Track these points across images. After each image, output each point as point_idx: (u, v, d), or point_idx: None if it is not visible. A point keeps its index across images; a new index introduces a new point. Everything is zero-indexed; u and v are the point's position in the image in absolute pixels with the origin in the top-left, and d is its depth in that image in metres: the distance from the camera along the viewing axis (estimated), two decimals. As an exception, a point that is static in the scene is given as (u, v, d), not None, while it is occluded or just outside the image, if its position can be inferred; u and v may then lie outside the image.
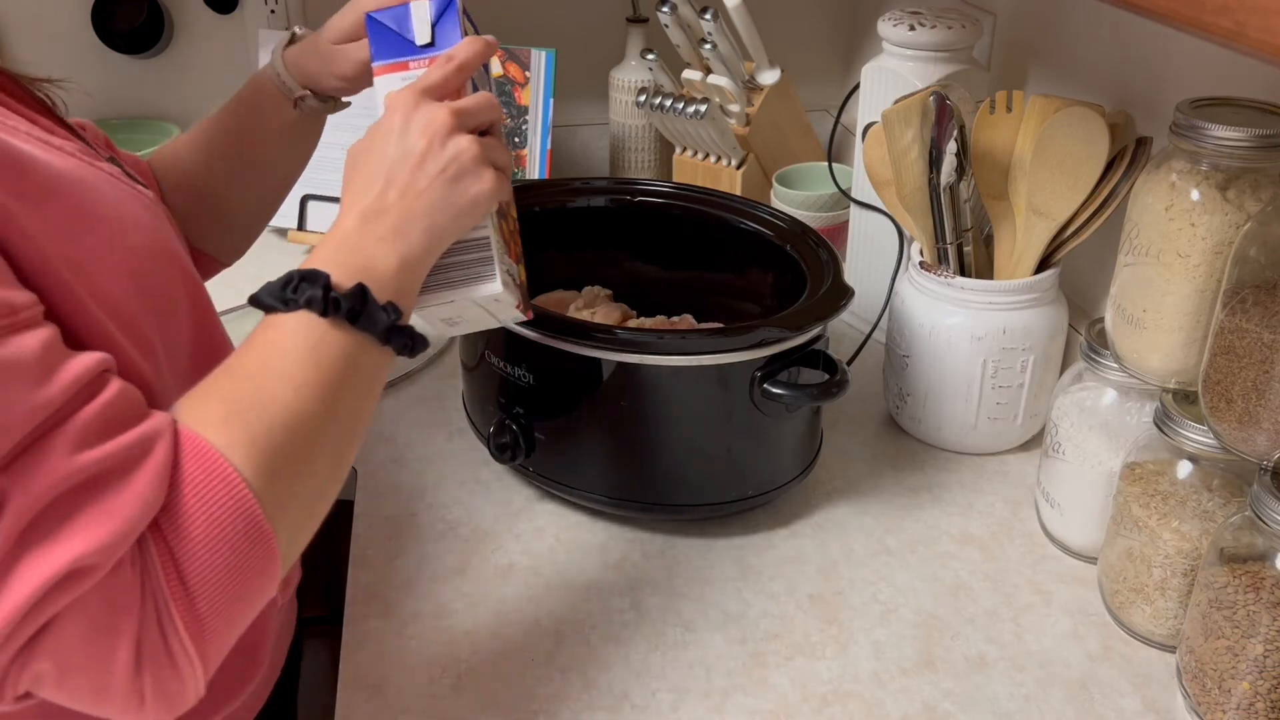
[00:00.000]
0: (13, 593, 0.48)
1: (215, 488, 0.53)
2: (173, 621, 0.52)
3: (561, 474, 0.93)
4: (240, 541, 0.54)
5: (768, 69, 1.35)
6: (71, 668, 0.50)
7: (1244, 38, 0.49)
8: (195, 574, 0.52)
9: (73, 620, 0.49)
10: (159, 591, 0.52)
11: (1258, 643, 0.69)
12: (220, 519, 0.53)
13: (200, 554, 0.53)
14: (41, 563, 0.48)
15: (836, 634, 0.83)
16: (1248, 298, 0.71)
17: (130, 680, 0.51)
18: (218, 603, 0.53)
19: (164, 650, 0.52)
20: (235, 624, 0.55)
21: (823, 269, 0.95)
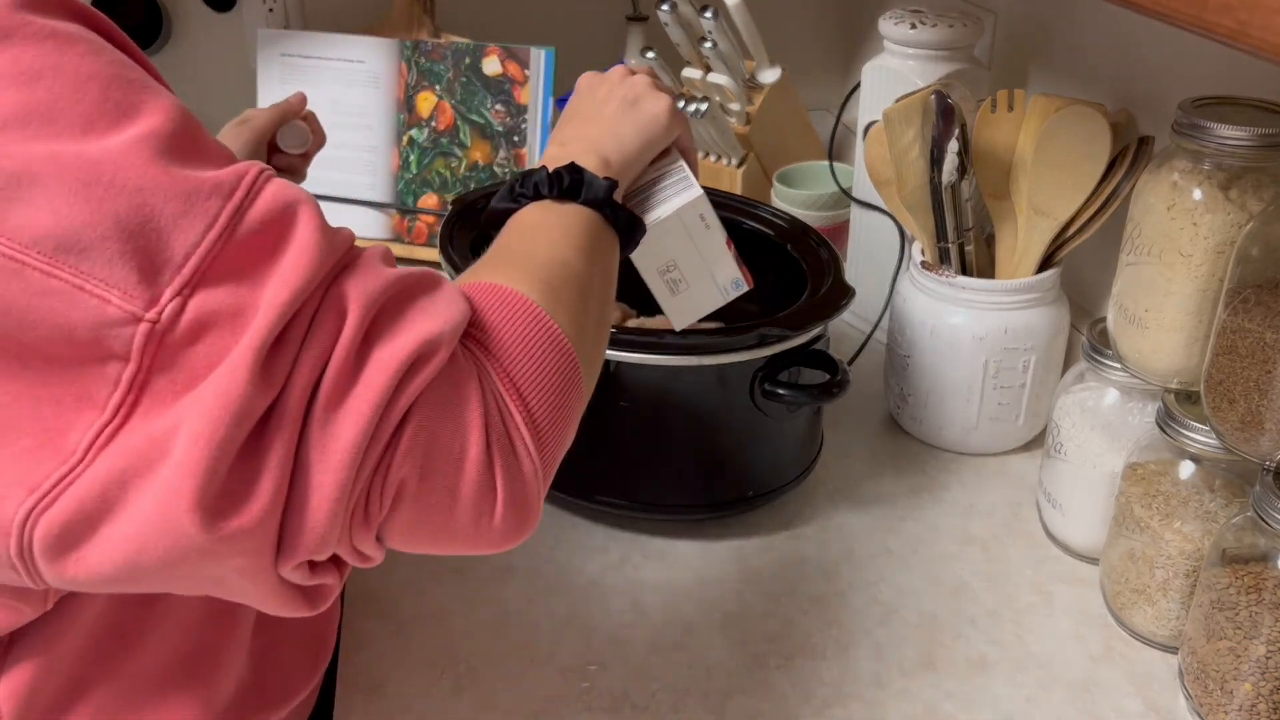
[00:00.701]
0: (372, 380, 0.48)
1: (510, 304, 0.56)
2: (511, 415, 0.53)
3: (561, 474, 0.92)
4: (546, 347, 0.55)
5: (768, 68, 1.34)
6: (429, 467, 0.50)
7: (1246, 37, 0.49)
8: (519, 373, 0.54)
9: (425, 410, 0.50)
10: (492, 385, 0.53)
11: (1260, 644, 0.69)
12: (523, 330, 0.55)
13: (516, 356, 0.54)
14: (390, 350, 0.49)
15: (837, 635, 0.83)
16: (1250, 297, 0.71)
17: (483, 478, 0.51)
18: (544, 403, 0.54)
19: (508, 444, 0.53)
20: (563, 433, 0.56)
21: (823, 268, 0.95)
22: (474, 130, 1.33)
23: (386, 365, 0.48)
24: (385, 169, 1.35)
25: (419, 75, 1.33)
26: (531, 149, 1.32)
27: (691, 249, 0.77)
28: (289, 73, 1.35)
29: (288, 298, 0.47)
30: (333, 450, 0.47)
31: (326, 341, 0.48)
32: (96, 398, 0.45)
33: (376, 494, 0.49)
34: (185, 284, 0.46)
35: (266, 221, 0.48)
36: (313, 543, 0.48)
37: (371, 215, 1.36)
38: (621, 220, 0.68)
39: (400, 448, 0.49)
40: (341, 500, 0.47)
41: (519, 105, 1.32)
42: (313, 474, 0.47)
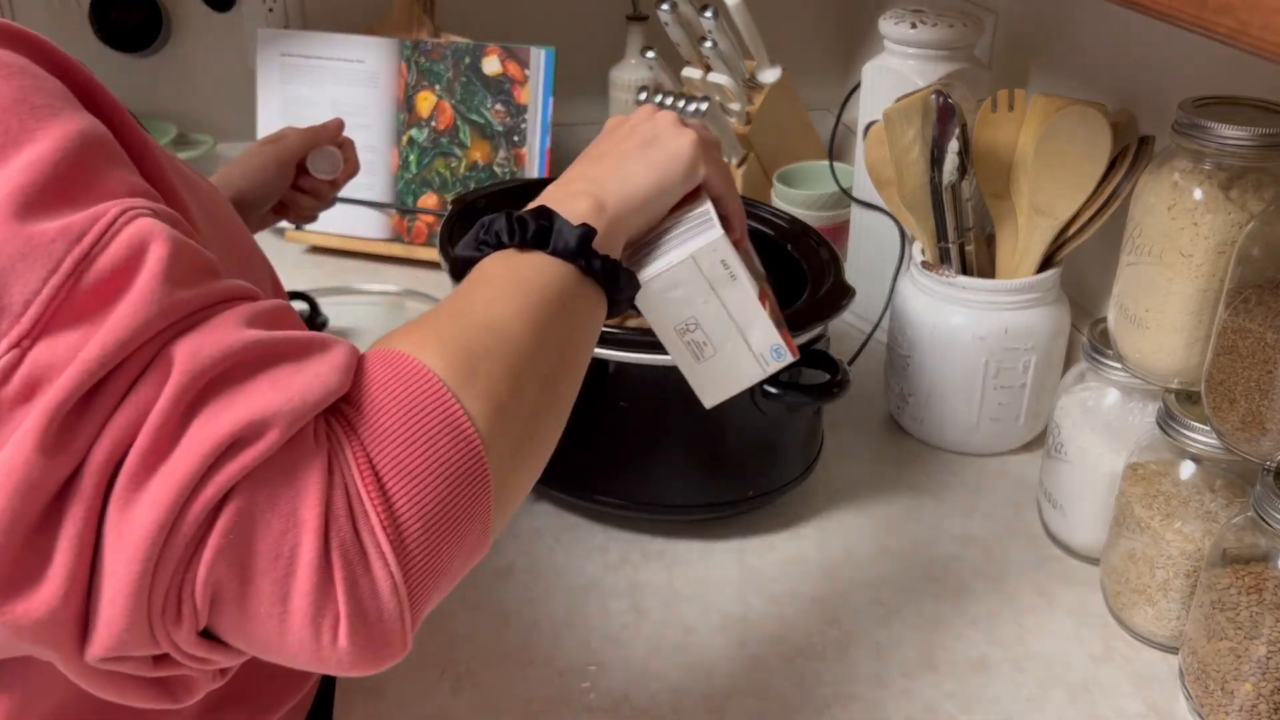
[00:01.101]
0: (185, 456, 0.42)
1: (402, 376, 0.48)
2: (365, 515, 0.45)
3: (560, 475, 0.93)
4: (435, 432, 0.47)
5: (768, 67, 1.34)
6: (251, 568, 0.43)
7: (1246, 36, 0.49)
8: (387, 462, 0.46)
9: (248, 500, 0.43)
10: (347, 475, 0.45)
11: (1260, 644, 0.69)
12: (407, 408, 0.47)
13: (389, 439, 0.46)
14: (211, 424, 0.43)
15: (838, 636, 0.83)
16: (1250, 297, 0.71)
17: (318, 588, 0.44)
18: (417, 504, 0.46)
19: (357, 548, 0.45)
20: (442, 546, 0.47)
21: (823, 268, 0.95)
22: (474, 130, 1.33)
23: (200, 444, 0.42)
24: (385, 169, 1.35)
25: (419, 75, 1.33)
26: (531, 149, 1.32)
27: (715, 303, 0.65)
28: (289, 72, 1.35)
29: (97, 354, 0.42)
30: (129, 538, 0.42)
31: (139, 409, 0.42)
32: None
33: (188, 593, 0.43)
34: (24, 334, 0.42)
35: (116, 267, 0.43)
36: (110, 639, 0.43)
37: (371, 215, 1.36)
38: (598, 271, 0.58)
39: (211, 543, 0.43)
40: (138, 596, 0.42)
41: (519, 105, 1.32)
42: (108, 563, 0.42)
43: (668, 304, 0.65)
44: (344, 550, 0.44)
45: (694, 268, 0.64)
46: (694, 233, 0.65)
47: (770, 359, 0.67)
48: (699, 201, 0.67)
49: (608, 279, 0.59)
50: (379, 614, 0.45)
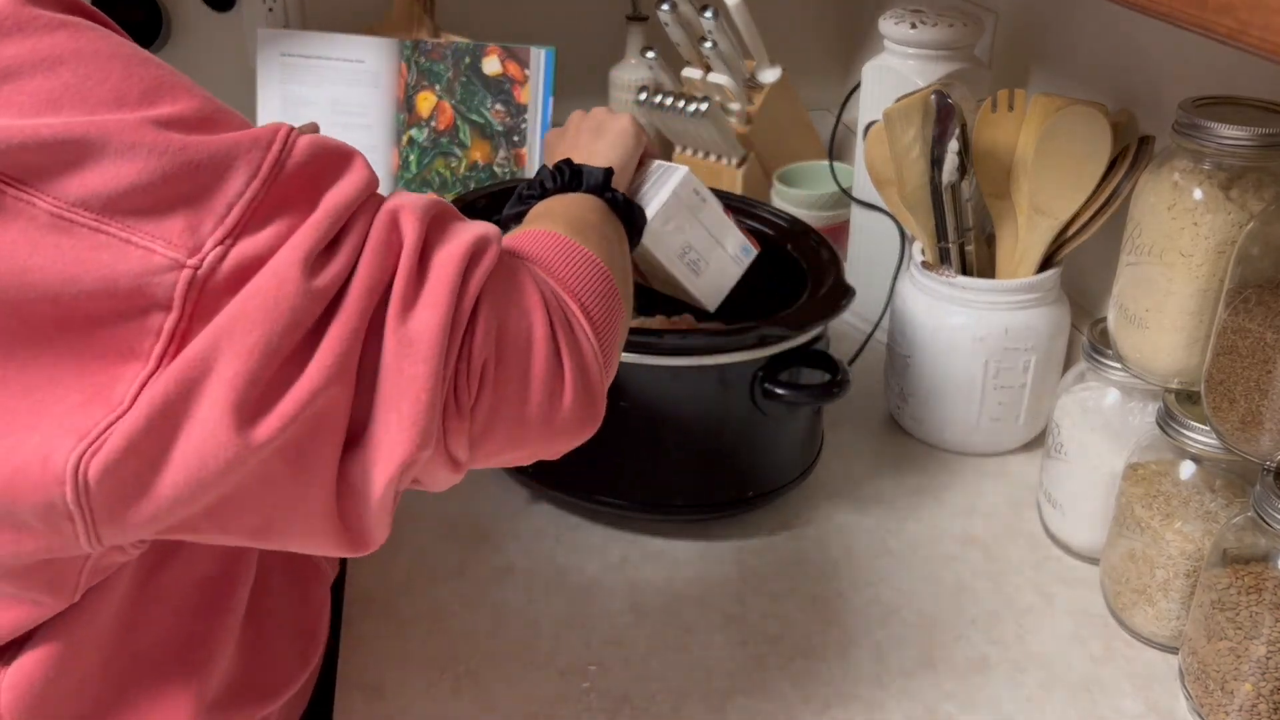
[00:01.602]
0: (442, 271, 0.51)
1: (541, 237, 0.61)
2: (566, 303, 0.57)
3: (560, 475, 0.93)
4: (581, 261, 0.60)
5: (768, 67, 1.34)
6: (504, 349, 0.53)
7: (1246, 36, 0.49)
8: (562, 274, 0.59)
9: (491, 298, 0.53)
10: (543, 280, 0.57)
11: (1260, 644, 0.69)
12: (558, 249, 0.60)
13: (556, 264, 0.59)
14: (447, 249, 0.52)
15: (837, 635, 0.83)
16: (1250, 297, 0.71)
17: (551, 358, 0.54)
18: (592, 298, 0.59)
19: (569, 327, 0.56)
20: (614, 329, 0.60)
21: (823, 268, 0.95)
22: (474, 130, 1.33)
23: (449, 259, 0.51)
24: (385, 169, 1.35)
25: (419, 75, 1.33)
26: (531, 148, 1.32)
27: (698, 225, 0.84)
28: (289, 72, 1.35)
29: (341, 202, 0.49)
30: (419, 343, 0.49)
31: (386, 249, 0.50)
32: (140, 349, 0.46)
33: (464, 380, 0.51)
34: (228, 233, 0.47)
35: (309, 164, 0.50)
36: (417, 437, 0.49)
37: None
38: (620, 204, 0.71)
39: (478, 332, 0.52)
40: (437, 388, 0.50)
41: (519, 105, 1.32)
42: (404, 371, 0.49)
43: (666, 237, 0.81)
44: (564, 327, 0.56)
45: (678, 200, 0.81)
46: (663, 179, 0.82)
47: (743, 256, 0.87)
48: (648, 163, 0.85)
49: (627, 210, 0.72)
50: (589, 377, 0.57)
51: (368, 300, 0.49)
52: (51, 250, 0.45)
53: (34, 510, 0.46)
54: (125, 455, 0.46)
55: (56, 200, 0.46)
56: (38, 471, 0.46)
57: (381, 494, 0.51)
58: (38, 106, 0.46)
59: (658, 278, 0.89)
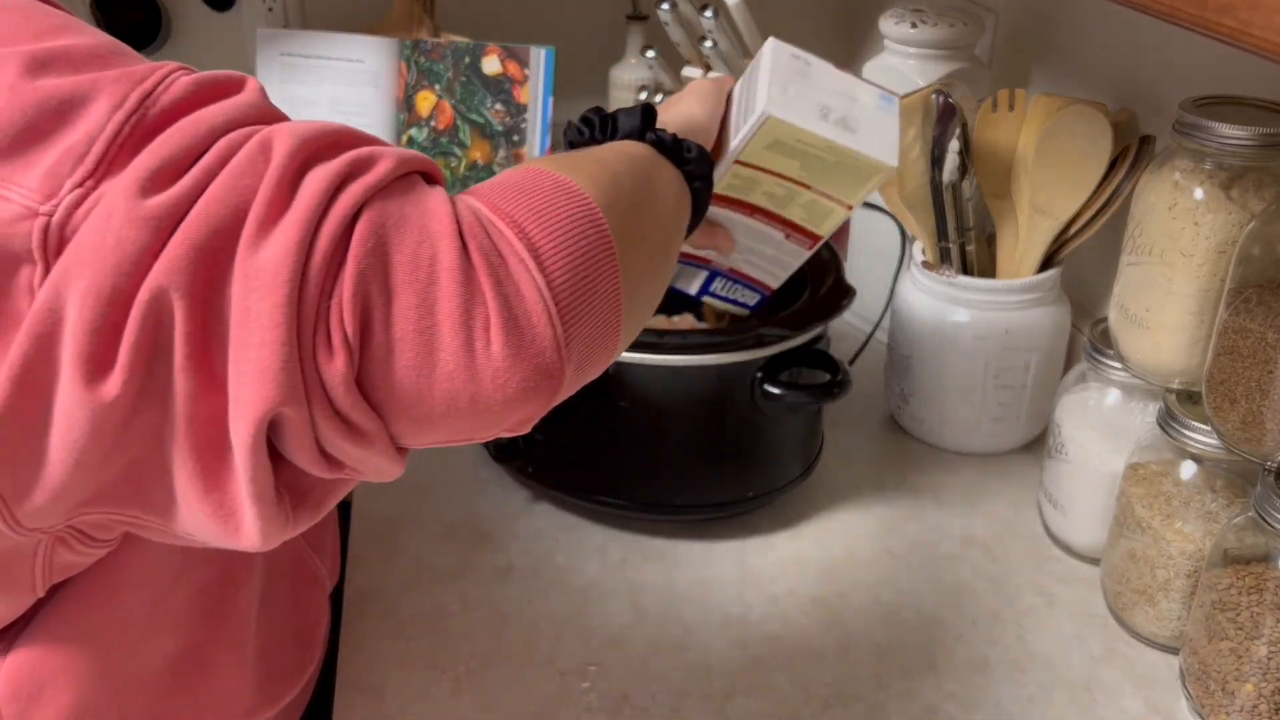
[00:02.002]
0: (305, 193, 0.43)
1: (523, 169, 0.50)
2: (497, 230, 0.45)
3: (560, 475, 0.93)
4: (547, 194, 0.48)
5: (768, 67, 1.34)
6: (394, 277, 0.43)
7: (1247, 36, 0.49)
8: (508, 203, 0.46)
9: (376, 216, 0.43)
10: (470, 205, 0.46)
11: (1261, 644, 0.69)
12: (519, 178, 0.48)
13: (507, 193, 0.47)
14: (322, 168, 0.43)
15: (838, 635, 0.83)
16: (1251, 297, 0.70)
17: (464, 286, 0.43)
18: (550, 239, 0.46)
19: (495, 254, 0.45)
20: (583, 296, 0.47)
21: (824, 268, 0.95)
22: (474, 130, 1.33)
23: (319, 178, 0.43)
24: (385, 169, 1.35)
25: (419, 75, 1.33)
26: (531, 148, 1.32)
27: (818, 86, 0.72)
28: (289, 72, 1.35)
29: (203, 122, 0.43)
30: (265, 272, 0.41)
31: (249, 168, 0.42)
32: (18, 310, 0.42)
33: (336, 319, 0.42)
34: (88, 174, 0.42)
35: (189, 98, 0.44)
36: (270, 387, 0.41)
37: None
38: (668, 143, 0.61)
39: (350, 260, 0.42)
40: (289, 325, 0.41)
41: (519, 105, 1.32)
42: (250, 308, 0.41)
43: (796, 104, 0.69)
44: (483, 252, 0.44)
45: (779, 65, 0.70)
46: (757, 63, 0.71)
47: (886, 105, 0.73)
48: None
49: (674, 149, 0.61)
50: (527, 314, 0.45)
51: (206, 230, 0.41)
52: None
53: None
54: (5, 433, 0.42)
55: None
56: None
57: (248, 477, 0.43)
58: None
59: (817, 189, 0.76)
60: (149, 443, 0.44)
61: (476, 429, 0.47)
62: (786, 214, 0.78)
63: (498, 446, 0.92)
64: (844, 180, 0.73)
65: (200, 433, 0.43)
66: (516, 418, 0.47)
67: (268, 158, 0.43)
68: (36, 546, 0.52)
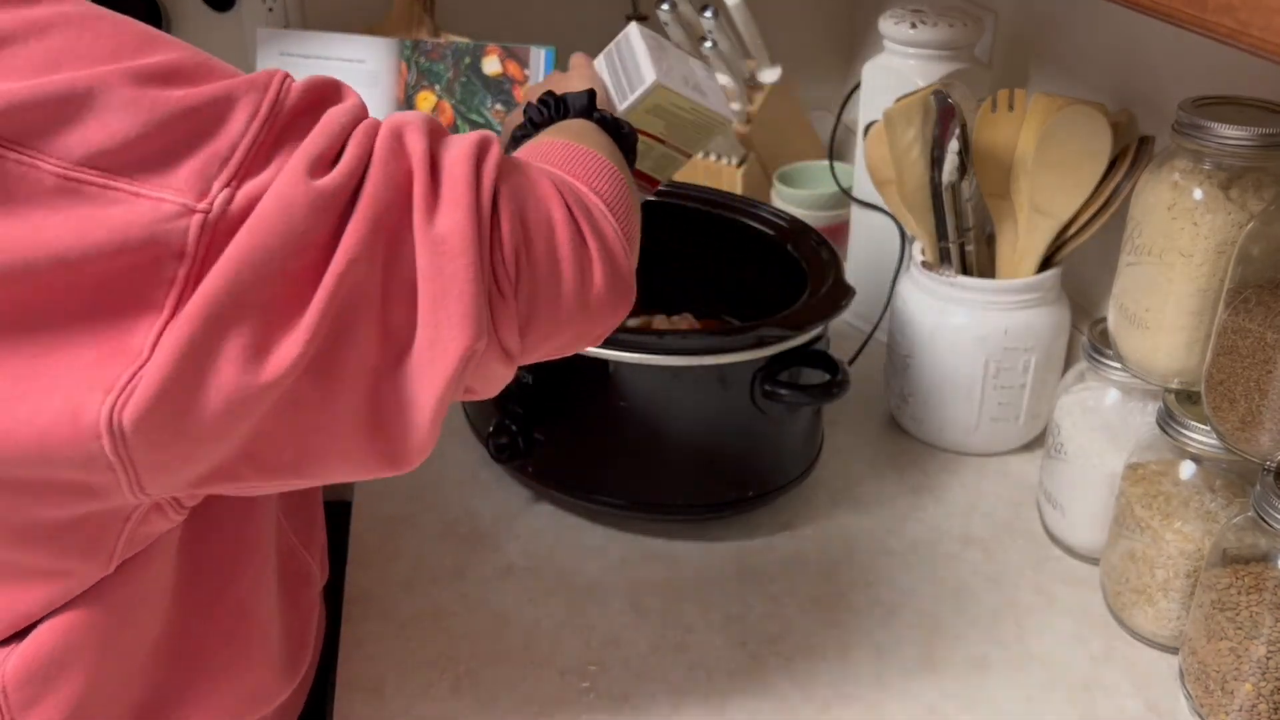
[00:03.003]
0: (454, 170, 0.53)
1: (539, 143, 0.64)
2: (579, 190, 0.59)
3: (560, 475, 0.93)
4: (585, 157, 0.62)
5: (768, 67, 1.34)
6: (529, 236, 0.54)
7: (1246, 36, 0.49)
8: (571, 168, 0.60)
9: (506, 191, 0.54)
10: (551, 173, 0.59)
11: (1260, 644, 0.69)
12: (559, 150, 0.62)
13: (560, 162, 0.61)
14: (452, 151, 0.54)
15: (837, 635, 0.83)
16: (1250, 297, 0.71)
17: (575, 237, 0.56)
18: (605, 185, 0.60)
19: (586, 211, 0.58)
20: (631, 213, 0.62)
21: (824, 268, 0.95)
22: (474, 130, 1.33)
23: (459, 160, 0.52)
24: (385, 169, 1.35)
25: (419, 75, 1.33)
26: (531, 149, 1.32)
27: (675, 57, 0.86)
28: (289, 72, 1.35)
29: (337, 119, 0.50)
30: (453, 238, 0.50)
31: (395, 159, 0.51)
32: (155, 299, 0.47)
33: (501, 269, 0.53)
34: (234, 174, 0.48)
35: (306, 102, 0.51)
36: (471, 329, 0.51)
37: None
38: (609, 122, 0.71)
39: (503, 220, 0.53)
40: (480, 279, 0.51)
41: (519, 105, 1.32)
42: (444, 270, 0.50)
43: (670, 76, 0.82)
44: (581, 210, 0.57)
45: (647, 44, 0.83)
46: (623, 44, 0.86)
47: (709, 72, 0.90)
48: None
49: (615, 126, 0.72)
50: (614, 253, 0.58)
51: (379, 208, 0.50)
52: (62, 215, 0.45)
53: (72, 466, 0.47)
54: (158, 400, 0.46)
55: (60, 161, 0.45)
56: (68, 429, 0.46)
57: (438, 400, 0.52)
58: (35, 69, 0.46)
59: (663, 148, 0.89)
60: (305, 405, 0.50)
61: (577, 341, 0.60)
62: (642, 166, 0.88)
63: (497, 447, 0.92)
64: (694, 135, 0.86)
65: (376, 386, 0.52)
66: (607, 329, 0.61)
67: (404, 145, 0.52)
68: (132, 512, 0.54)
